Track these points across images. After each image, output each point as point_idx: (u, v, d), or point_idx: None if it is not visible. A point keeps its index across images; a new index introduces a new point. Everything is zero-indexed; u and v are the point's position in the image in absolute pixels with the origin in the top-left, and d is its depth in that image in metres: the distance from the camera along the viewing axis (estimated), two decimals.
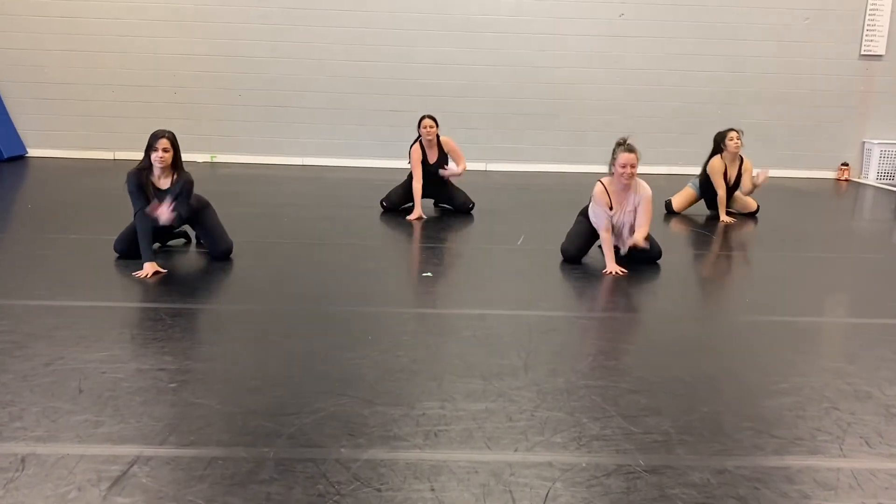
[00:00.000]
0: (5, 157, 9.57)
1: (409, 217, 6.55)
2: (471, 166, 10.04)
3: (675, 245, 5.96)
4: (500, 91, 10.18)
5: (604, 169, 9.10)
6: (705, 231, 6.69)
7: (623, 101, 10.26)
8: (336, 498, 2.29)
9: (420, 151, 6.67)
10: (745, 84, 10.27)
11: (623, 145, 5.03)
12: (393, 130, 10.14)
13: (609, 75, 10.20)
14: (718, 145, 7.14)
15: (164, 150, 4.74)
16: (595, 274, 4.94)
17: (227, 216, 6.27)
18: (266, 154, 10.22)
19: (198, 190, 5.05)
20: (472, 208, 6.91)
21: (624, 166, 4.95)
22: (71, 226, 5.94)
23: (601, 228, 4.99)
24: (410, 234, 6.22)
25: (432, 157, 6.74)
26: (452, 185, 6.91)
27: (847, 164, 10.47)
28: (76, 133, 10.14)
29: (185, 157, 9.48)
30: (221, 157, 10.20)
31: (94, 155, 10.13)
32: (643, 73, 10.20)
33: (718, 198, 6.98)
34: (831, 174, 10.53)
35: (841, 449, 2.71)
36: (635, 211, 4.99)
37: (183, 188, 4.77)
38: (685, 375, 3.34)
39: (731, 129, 7.12)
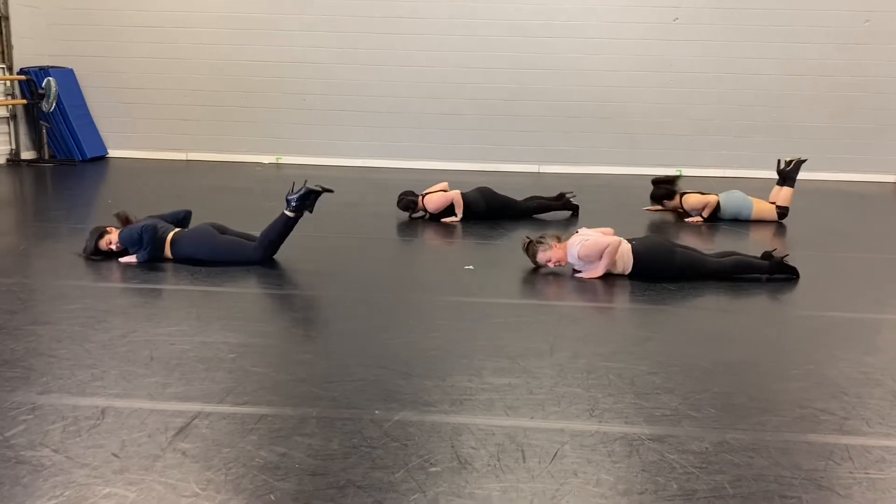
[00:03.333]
0: (88, 157, 10.29)
1: (444, 220, 6.82)
2: (523, 168, 10.37)
3: (709, 242, 6.08)
4: (554, 94, 10.42)
5: (656, 171, 9.16)
6: (741, 230, 6.79)
7: (677, 104, 10.37)
8: (368, 450, 2.60)
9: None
10: (803, 87, 10.24)
11: (530, 248, 5.03)
12: (447, 133, 10.53)
13: (663, 78, 10.32)
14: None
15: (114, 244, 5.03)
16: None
17: None
18: (328, 156, 10.70)
19: (265, 190, 5.42)
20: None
21: (546, 263, 5.00)
22: None
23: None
24: (458, 232, 6.53)
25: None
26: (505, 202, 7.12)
27: None
28: (152, 135, 10.83)
29: (252, 158, 9.97)
30: (286, 159, 10.73)
31: (169, 156, 10.80)
32: (698, 76, 10.29)
33: None
34: (892, 178, 10.39)
35: (841, 427, 2.88)
36: (581, 245, 4.94)
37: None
38: (704, 361, 3.54)
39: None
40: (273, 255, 5.14)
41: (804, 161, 7.11)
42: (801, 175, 7.12)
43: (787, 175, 7.06)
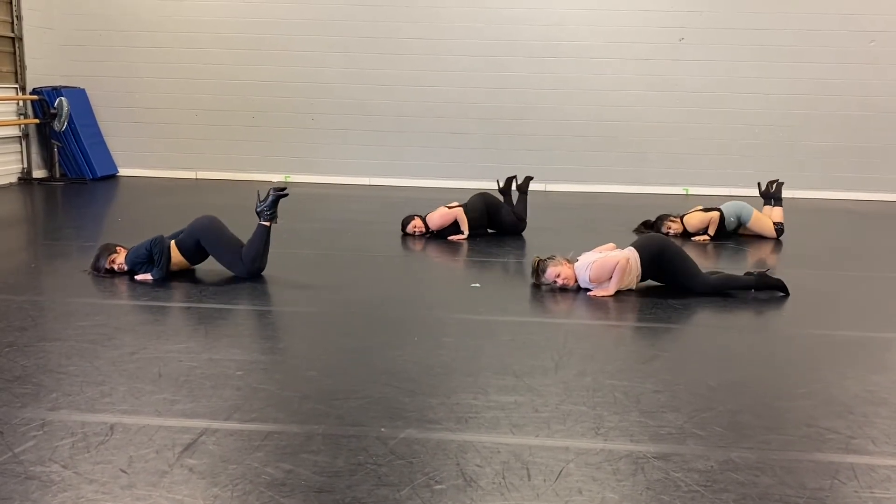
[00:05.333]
0: (99, 175, 10.39)
1: (450, 237, 6.86)
2: (530, 187, 10.39)
3: (714, 261, 6.09)
4: (560, 113, 10.48)
5: (662, 190, 9.21)
6: (743, 247, 6.80)
7: (682, 123, 10.41)
8: (373, 467, 2.62)
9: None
10: (808, 106, 10.27)
11: (540, 265, 5.10)
12: (454, 152, 10.60)
13: (669, 98, 10.37)
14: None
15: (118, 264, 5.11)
16: (636, 287, 5.14)
17: (298, 231, 6.76)
18: (336, 174, 10.78)
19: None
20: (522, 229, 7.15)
21: (554, 280, 5.04)
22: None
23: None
24: (464, 250, 6.55)
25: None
26: (504, 209, 7.13)
27: None
28: (162, 154, 10.93)
29: (261, 177, 10.07)
30: (295, 178, 10.80)
31: (178, 175, 10.89)
32: (703, 95, 10.34)
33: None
34: None
35: (846, 446, 2.88)
36: (590, 268, 5.00)
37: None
38: (709, 380, 3.54)
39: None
40: (260, 268, 5.18)
41: (783, 183, 7.51)
42: (807, 194, 7.21)
43: (773, 196, 7.40)
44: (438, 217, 6.89)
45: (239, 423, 2.94)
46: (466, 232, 6.85)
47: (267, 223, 5.09)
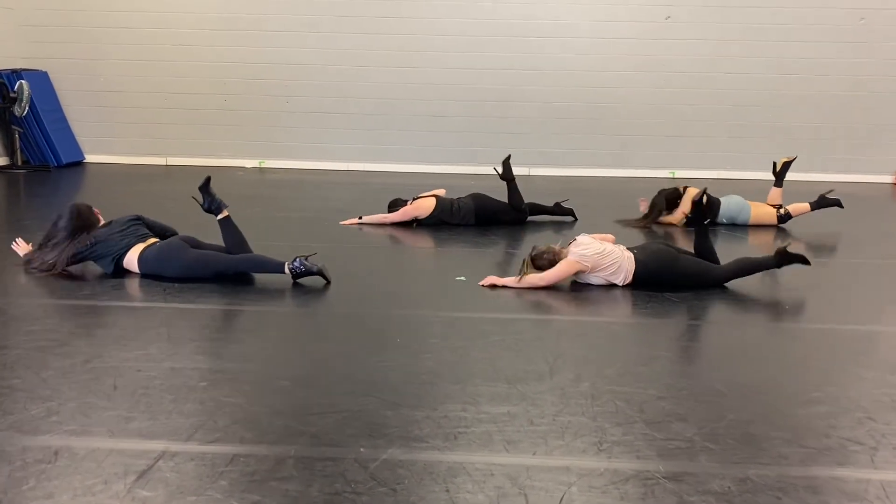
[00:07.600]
0: (64, 162, 9.93)
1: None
2: (513, 171, 10.07)
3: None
4: (543, 96, 10.15)
5: (649, 174, 8.93)
6: (740, 234, 6.56)
7: (669, 104, 10.13)
8: (352, 497, 2.32)
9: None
10: (797, 87, 10.03)
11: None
12: (434, 136, 10.26)
13: (655, 79, 10.07)
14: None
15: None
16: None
17: (272, 220, 6.43)
18: (312, 159, 10.39)
19: (248, 194, 5.11)
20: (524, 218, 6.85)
21: None
22: None
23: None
24: (447, 239, 6.24)
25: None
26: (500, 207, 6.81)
27: None
28: (130, 140, 10.48)
29: (233, 162, 9.69)
30: (269, 163, 10.41)
31: (147, 161, 10.45)
32: (690, 76, 10.05)
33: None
34: (889, 179, 10.20)
35: (872, 460, 2.63)
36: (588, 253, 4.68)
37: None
38: (716, 383, 3.28)
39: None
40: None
41: (793, 159, 7.13)
42: (796, 176, 7.01)
43: (776, 175, 7.07)
44: (412, 209, 6.56)
45: (200, 445, 2.63)
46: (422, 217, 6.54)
47: (286, 271, 4.62)
